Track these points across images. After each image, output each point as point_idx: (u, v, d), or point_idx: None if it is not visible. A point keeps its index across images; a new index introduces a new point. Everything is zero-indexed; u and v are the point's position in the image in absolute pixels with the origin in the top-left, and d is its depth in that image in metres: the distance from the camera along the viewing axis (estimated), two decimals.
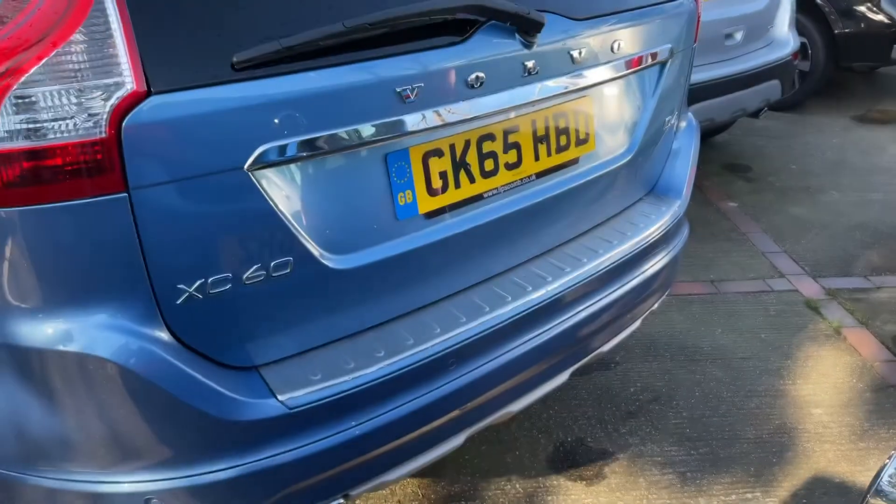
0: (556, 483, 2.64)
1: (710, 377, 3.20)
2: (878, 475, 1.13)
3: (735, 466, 2.71)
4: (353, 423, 1.59)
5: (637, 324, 2.35)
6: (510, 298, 1.85)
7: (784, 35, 5.09)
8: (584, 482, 2.65)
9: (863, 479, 2.65)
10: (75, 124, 1.23)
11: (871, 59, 6.55)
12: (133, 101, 1.25)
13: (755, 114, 5.14)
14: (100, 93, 1.23)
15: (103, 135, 1.24)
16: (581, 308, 2.01)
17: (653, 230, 2.23)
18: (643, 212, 2.31)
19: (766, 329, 3.55)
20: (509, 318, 1.82)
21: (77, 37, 1.21)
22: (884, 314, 3.66)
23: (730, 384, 3.16)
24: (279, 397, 1.50)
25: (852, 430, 2.88)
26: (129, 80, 1.24)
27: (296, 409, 1.50)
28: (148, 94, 1.26)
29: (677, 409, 3.01)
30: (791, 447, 2.80)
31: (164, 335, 1.40)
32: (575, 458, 2.75)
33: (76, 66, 1.21)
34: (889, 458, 1.17)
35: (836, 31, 6.39)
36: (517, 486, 2.62)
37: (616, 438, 2.85)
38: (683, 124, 2.52)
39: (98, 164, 1.25)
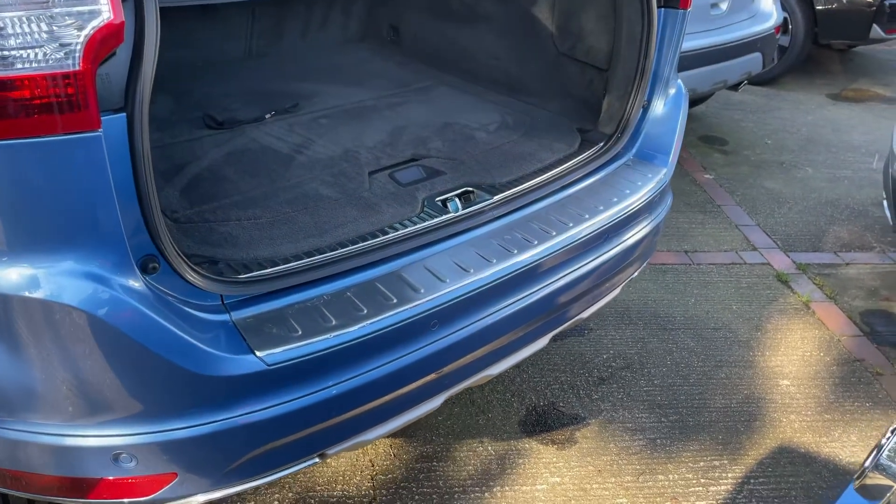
0: (527, 446, 2.64)
1: (682, 346, 3.22)
2: (877, 449, 1.13)
3: (703, 434, 2.74)
4: (332, 383, 1.54)
5: (617, 291, 2.34)
6: (494, 261, 1.81)
7: (768, 7, 5.06)
8: (556, 446, 2.65)
9: (827, 449, 2.70)
10: (45, 54, 1.13)
11: (850, 36, 6.57)
12: (110, 32, 1.15)
13: (735, 86, 5.13)
14: (72, 20, 1.13)
15: (76, 67, 1.15)
16: (565, 273, 1.98)
17: (638, 197, 2.19)
18: (630, 178, 2.28)
19: (738, 300, 3.58)
20: (493, 281, 1.78)
21: None
22: (852, 290, 3.71)
23: (700, 353, 3.18)
24: (258, 353, 1.45)
25: (818, 402, 2.93)
26: (105, 9, 1.15)
27: (274, 366, 1.45)
28: None
29: (649, 377, 3.02)
30: (758, 417, 2.83)
31: (137, 284, 1.33)
32: (547, 423, 2.75)
33: None
34: (891, 431, 1.17)
35: (817, 7, 6.38)
36: (489, 448, 2.61)
37: (588, 404, 2.85)
38: (672, 91, 2.47)
39: (70, 100, 1.16)
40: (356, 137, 2.38)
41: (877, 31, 6.29)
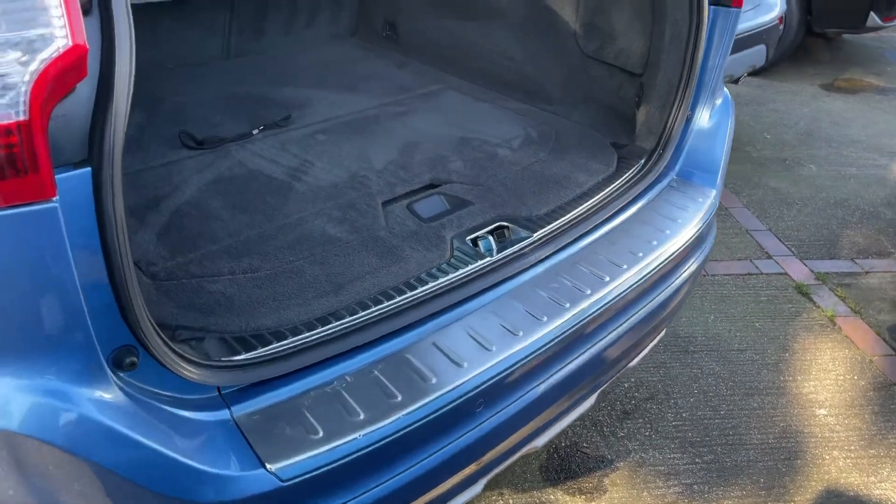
0: (552, 498, 2.35)
1: (708, 371, 2.96)
2: None
3: (743, 477, 2.48)
4: (359, 493, 1.22)
5: (664, 330, 2.05)
6: (545, 319, 1.50)
7: None
8: (584, 497, 2.37)
9: (878, 491, 2.47)
10: None
11: (846, 24, 6.37)
12: (68, 65, 0.81)
13: (735, 79, 4.88)
14: (14, 50, 0.79)
15: (20, 116, 0.80)
16: (621, 322, 1.68)
17: (692, 226, 1.90)
18: (677, 203, 1.99)
19: (760, 317, 3.34)
20: (546, 344, 1.47)
21: None
22: (876, 301, 3.49)
23: (728, 380, 2.93)
24: (269, 466, 1.12)
25: (860, 435, 2.69)
26: (61, 32, 0.80)
27: (291, 482, 1.13)
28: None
29: (676, 409, 2.75)
30: (799, 454, 2.59)
31: (108, 394, 1.00)
32: (571, 468, 2.47)
33: None
34: None
35: None
36: (510, 501, 2.32)
37: (614, 443, 2.58)
38: (719, 100, 2.18)
39: (11, 161, 0.81)
40: (362, 157, 2.04)
41: (874, 18, 6.09)
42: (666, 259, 1.79)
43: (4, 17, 0.78)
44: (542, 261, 1.67)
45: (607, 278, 1.65)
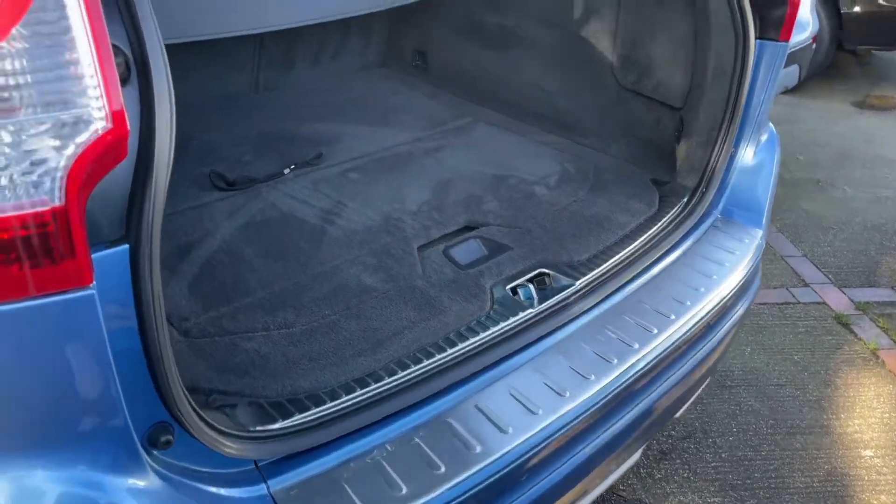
0: None
1: (747, 408, 2.86)
2: None
3: None
4: None
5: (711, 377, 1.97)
6: (593, 377, 1.43)
7: (804, 16, 4.71)
8: None
9: None
10: (8, 183, 0.74)
11: (878, 42, 6.24)
12: (107, 148, 0.76)
13: None
14: (50, 133, 0.74)
15: (56, 202, 0.75)
16: (669, 376, 1.61)
17: (740, 270, 1.83)
18: (723, 245, 1.91)
19: (799, 349, 3.23)
20: (594, 405, 1.40)
21: (16, 33, 0.72)
22: None
23: (768, 417, 2.83)
24: None
25: None
26: (99, 114, 0.75)
27: None
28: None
29: (715, 449, 2.66)
30: (845, 499, 2.48)
31: (143, 481, 0.94)
32: None
33: (10, 88, 0.72)
34: None
35: (843, 11, 6.05)
36: None
37: (651, 486, 2.49)
38: (764, 136, 2.10)
39: (47, 248, 0.76)
40: (395, 197, 1.99)
41: None
42: (714, 307, 1.71)
43: (37, 95, 0.73)
44: (585, 311, 1.60)
45: (655, 330, 1.58)
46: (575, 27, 2.40)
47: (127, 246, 0.89)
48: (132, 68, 0.90)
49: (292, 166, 2.09)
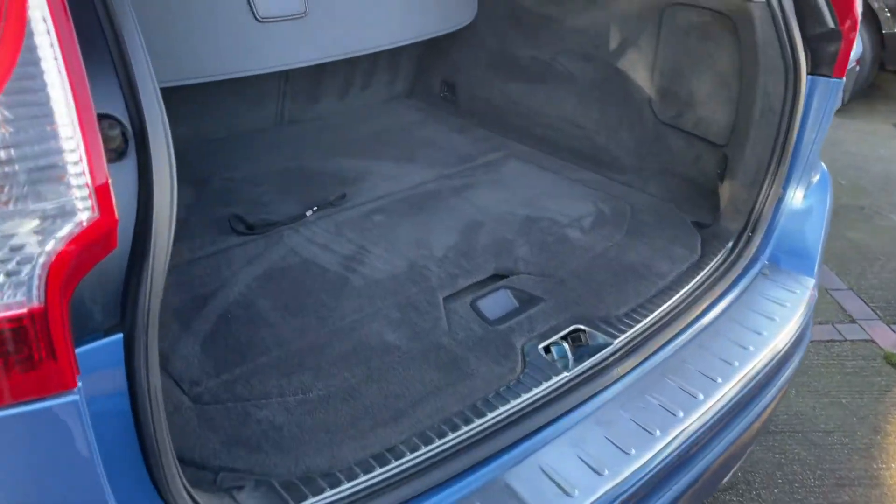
0: None
1: (793, 457, 2.70)
2: None
3: None
4: None
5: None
6: (633, 451, 1.31)
7: None
8: None
9: None
10: None
11: None
12: (93, 240, 0.67)
13: None
14: (29, 224, 0.65)
15: (34, 302, 0.67)
16: (716, 444, 1.48)
17: (791, 324, 1.70)
18: (772, 297, 1.78)
19: (846, 391, 3.05)
20: (634, 483, 1.28)
21: None
22: None
23: (815, 467, 2.66)
24: None
25: None
26: (83, 204, 0.67)
27: None
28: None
29: (759, 502, 2.50)
30: None
31: None
32: None
33: None
34: None
35: (884, 32, 5.88)
36: None
37: None
38: (816, 177, 1.97)
39: (27, 351, 0.68)
40: (421, 242, 1.89)
41: None
42: (764, 366, 1.58)
43: (11, 182, 0.64)
44: (624, 374, 1.48)
45: (700, 396, 1.46)
46: (612, 60, 2.30)
47: (121, 335, 0.80)
48: (130, 140, 0.81)
49: (314, 208, 2.01)
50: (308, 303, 1.62)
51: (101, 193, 0.68)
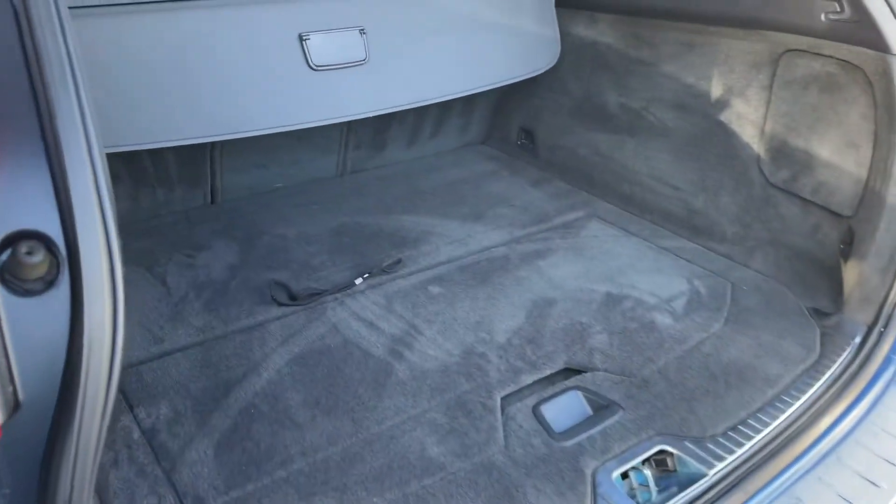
0: None
1: None
2: None
3: None
4: None
5: None
6: None
7: None
8: None
9: None
10: None
11: None
12: None
13: None
14: None
15: None
16: None
17: None
18: None
19: None
20: None
21: None
22: None
23: None
24: None
25: None
26: None
27: None
28: None
29: None
30: None
31: None
32: None
33: None
34: None
35: None
36: None
37: None
38: None
39: None
40: (481, 323, 1.65)
41: None
42: None
43: None
44: None
45: None
46: (713, 111, 2.00)
47: None
48: (62, 265, 0.62)
49: (366, 275, 1.80)
50: (343, 398, 1.40)
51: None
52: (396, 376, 1.48)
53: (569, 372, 1.53)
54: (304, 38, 1.77)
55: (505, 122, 2.67)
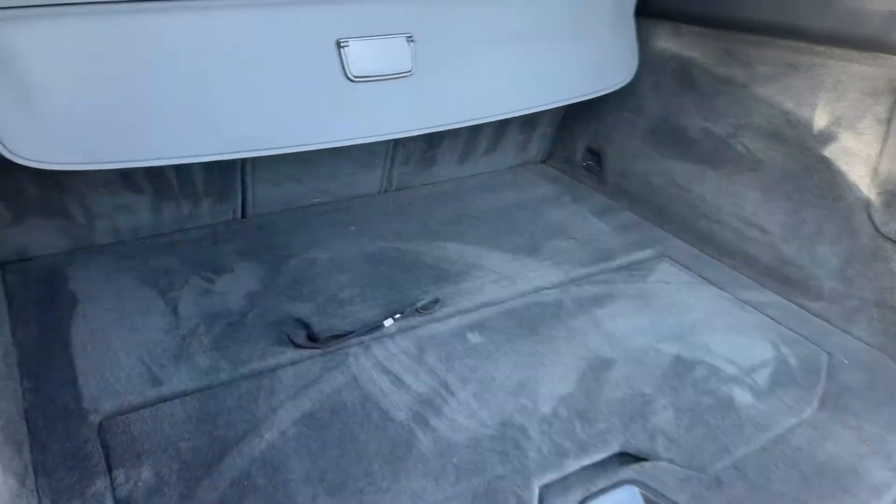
0: None
1: None
2: None
3: None
4: None
5: None
6: None
7: None
8: None
9: None
10: None
11: None
12: None
13: None
14: None
15: None
16: None
17: None
18: None
19: None
20: None
21: None
22: None
23: None
24: None
25: None
26: None
27: None
28: None
29: None
30: None
31: None
32: None
33: None
34: None
35: None
36: None
37: None
38: None
39: None
40: (524, 385, 1.41)
41: None
42: None
43: None
44: None
45: None
46: (814, 144, 1.70)
47: None
48: None
49: (397, 316, 1.59)
50: (354, 475, 1.19)
51: None
52: (418, 449, 1.26)
53: (624, 457, 1.28)
54: (343, 44, 1.56)
55: (570, 141, 2.41)
